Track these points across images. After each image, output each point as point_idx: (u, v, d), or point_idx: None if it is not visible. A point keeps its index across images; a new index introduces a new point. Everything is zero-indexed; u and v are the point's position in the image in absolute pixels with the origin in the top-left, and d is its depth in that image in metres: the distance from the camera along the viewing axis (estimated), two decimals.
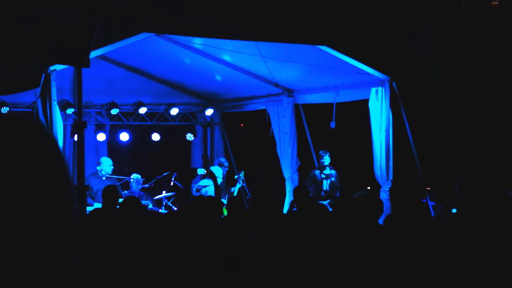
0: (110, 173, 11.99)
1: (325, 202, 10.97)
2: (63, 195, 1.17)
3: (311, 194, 11.10)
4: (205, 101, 14.36)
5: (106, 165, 12.03)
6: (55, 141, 1.24)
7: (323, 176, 11.84)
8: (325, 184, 11.81)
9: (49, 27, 8.06)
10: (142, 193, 11.95)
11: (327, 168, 11.80)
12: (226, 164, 12.62)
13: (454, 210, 8.52)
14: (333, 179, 11.77)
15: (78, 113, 9.56)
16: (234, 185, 12.19)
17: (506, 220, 6.40)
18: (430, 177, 10.55)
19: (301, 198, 8.58)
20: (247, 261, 4.92)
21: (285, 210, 11.16)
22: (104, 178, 12.02)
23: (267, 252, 4.88)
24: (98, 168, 12.10)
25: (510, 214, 6.77)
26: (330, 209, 7.49)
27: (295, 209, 8.65)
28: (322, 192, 11.72)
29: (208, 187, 11.34)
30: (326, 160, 11.82)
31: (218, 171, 11.80)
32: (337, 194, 11.72)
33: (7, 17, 8.09)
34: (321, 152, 11.97)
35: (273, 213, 7.65)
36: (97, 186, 11.52)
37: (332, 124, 11.48)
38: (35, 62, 8.62)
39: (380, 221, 6.67)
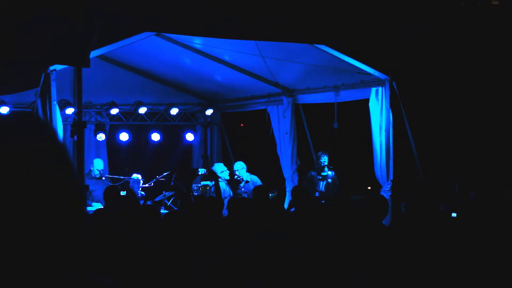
0: (98, 175, 12.03)
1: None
2: (66, 194, 1.17)
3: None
4: (205, 101, 14.36)
5: (95, 167, 12.10)
6: (57, 139, 1.23)
7: (319, 177, 11.84)
8: (321, 185, 11.81)
9: (49, 27, 8.06)
10: (142, 193, 11.95)
11: (325, 169, 11.80)
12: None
13: (454, 214, 8.51)
14: (329, 180, 11.77)
15: (78, 113, 9.56)
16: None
17: (506, 220, 6.41)
18: (430, 177, 10.55)
19: (299, 198, 8.55)
20: (247, 261, 4.92)
21: None
22: (103, 178, 12.05)
23: (267, 252, 4.87)
24: (93, 168, 12.14)
25: (510, 214, 6.78)
26: None
27: (293, 209, 8.62)
28: (317, 193, 11.71)
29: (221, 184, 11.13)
30: (324, 161, 11.81)
31: (220, 166, 11.81)
32: (333, 195, 11.70)
33: (7, 17, 8.09)
34: (319, 153, 11.97)
35: (275, 213, 7.65)
36: (91, 186, 11.55)
37: (335, 124, 11.47)
38: (35, 62, 8.62)
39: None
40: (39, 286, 1.10)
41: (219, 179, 10.64)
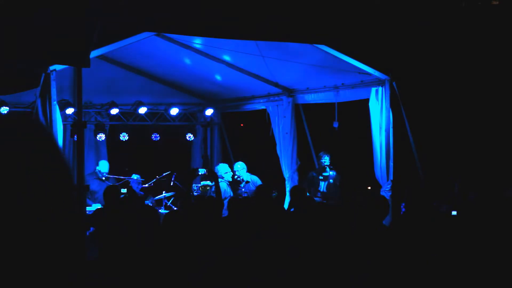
0: (101, 177, 12.09)
1: None
2: (64, 194, 1.17)
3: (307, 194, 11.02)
4: (205, 101, 14.37)
5: (100, 169, 12.18)
6: (54, 140, 1.24)
7: (320, 177, 11.84)
8: (322, 186, 11.80)
9: (49, 27, 8.06)
10: (142, 193, 11.96)
11: (327, 169, 11.79)
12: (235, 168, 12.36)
13: (454, 213, 8.51)
14: (331, 181, 11.76)
15: (78, 113, 9.56)
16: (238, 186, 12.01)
17: (506, 220, 6.41)
18: (430, 177, 10.54)
19: (298, 198, 8.56)
20: (247, 261, 4.92)
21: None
22: (104, 179, 12.08)
23: (267, 252, 4.87)
24: (97, 169, 12.18)
25: (510, 214, 6.77)
26: None
27: (292, 209, 8.62)
28: (318, 193, 11.71)
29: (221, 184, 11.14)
30: (326, 161, 11.81)
31: (224, 167, 11.83)
32: (335, 195, 11.70)
33: (7, 17, 8.09)
34: (320, 153, 11.97)
35: (274, 213, 7.65)
36: (94, 187, 11.58)
37: (335, 124, 11.48)
38: (35, 62, 8.62)
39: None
40: (39, 286, 1.10)
41: (221, 180, 10.66)
